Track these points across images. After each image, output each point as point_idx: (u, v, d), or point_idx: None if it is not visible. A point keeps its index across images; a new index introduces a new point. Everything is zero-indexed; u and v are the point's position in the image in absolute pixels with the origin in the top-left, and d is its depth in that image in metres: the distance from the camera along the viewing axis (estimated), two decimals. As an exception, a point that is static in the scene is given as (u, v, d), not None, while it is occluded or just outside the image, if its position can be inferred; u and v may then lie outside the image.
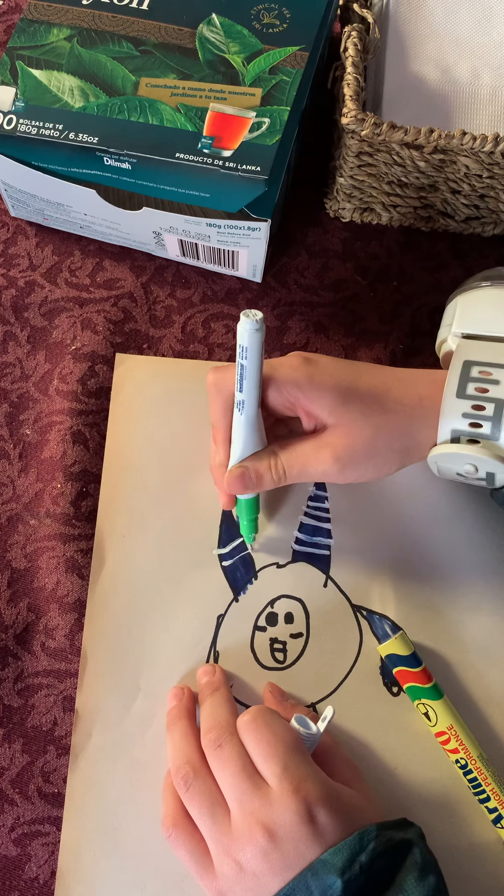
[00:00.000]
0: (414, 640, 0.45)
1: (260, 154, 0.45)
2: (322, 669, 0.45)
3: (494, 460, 0.39)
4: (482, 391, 0.39)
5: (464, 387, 0.40)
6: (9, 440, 0.50)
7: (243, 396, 0.41)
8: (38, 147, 0.46)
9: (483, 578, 0.47)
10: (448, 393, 0.40)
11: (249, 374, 0.40)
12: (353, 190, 0.52)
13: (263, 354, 0.39)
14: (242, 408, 0.41)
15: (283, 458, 0.42)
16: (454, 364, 0.40)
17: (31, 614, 0.46)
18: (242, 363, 0.39)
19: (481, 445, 0.39)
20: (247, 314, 0.38)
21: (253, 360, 0.39)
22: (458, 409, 0.39)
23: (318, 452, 0.41)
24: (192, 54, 0.48)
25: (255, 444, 0.42)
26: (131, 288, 0.53)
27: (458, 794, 0.43)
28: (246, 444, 0.42)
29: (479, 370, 0.40)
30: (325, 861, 0.34)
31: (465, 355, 0.41)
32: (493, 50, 0.51)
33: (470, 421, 0.39)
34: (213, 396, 0.43)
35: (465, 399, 0.39)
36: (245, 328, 0.38)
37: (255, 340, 0.38)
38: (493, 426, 0.39)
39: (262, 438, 0.43)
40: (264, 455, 0.42)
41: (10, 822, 0.43)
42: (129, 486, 0.48)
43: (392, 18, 0.52)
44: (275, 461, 0.42)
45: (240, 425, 0.42)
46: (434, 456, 0.41)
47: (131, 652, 0.45)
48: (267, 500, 0.48)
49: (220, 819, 0.37)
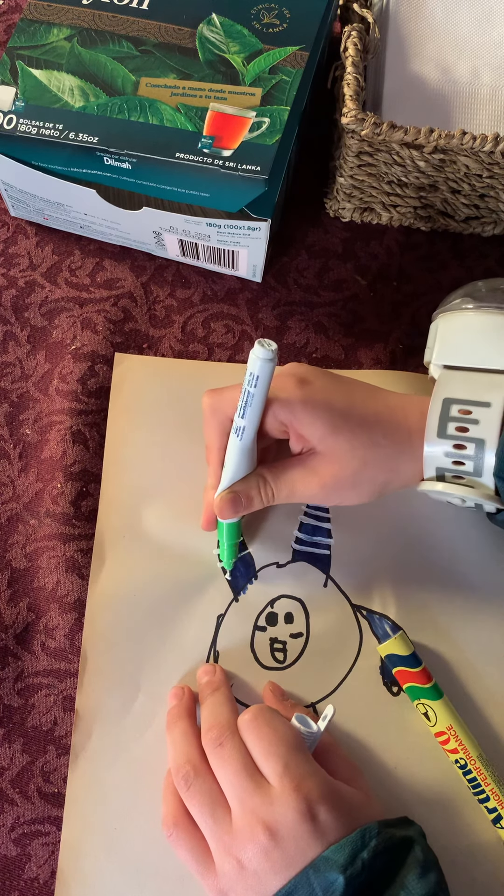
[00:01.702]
0: (414, 640, 0.45)
1: (260, 154, 0.45)
2: (322, 669, 0.45)
3: (479, 497, 0.40)
4: (462, 430, 0.40)
5: (444, 427, 0.40)
6: (9, 440, 0.50)
7: (244, 423, 0.40)
8: (38, 147, 0.46)
9: (483, 579, 0.47)
10: (429, 433, 0.40)
11: (255, 403, 0.39)
12: (353, 190, 0.52)
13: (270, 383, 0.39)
14: (241, 434, 0.41)
15: (272, 482, 0.43)
16: (434, 401, 0.41)
17: (31, 614, 0.46)
18: (250, 391, 0.39)
19: (466, 482, 0.40)
20: (262, 343, 0.37)
21: (261, 389, 0.39)
22: (440, 449, 0.40)
23: (305, 479, 0.42)
24: (192, 54, 0.48)
25: (247, 469, 0.43)
26: (131, 288, 0.53)
27: (458, 794, 0.43)
28: (238, 469, 0.42)
29: (458, 409, 0.40)
30: (327, 858, 0.34)
31: (444, 392, 0.41)
32: (493, 50, 0.51)
33: (452, 460, 0.40)
34: (208, 419, 0.43)
35: (447, 439, 0.40)
36: (258, 356, 0.37)
37: (267, 370, 0.38)
38: (475, 465, 0.40)
39: (254, 462, 0.43)
40: (253, 478, 0.43)
41: (10, 822, 0.43)
42: (129, 486, 0.48)
43: (392, 18, 0.52)
44: (264, 484, 0.43)
45: (235, 451, 0.42)
46: (422, 490, 0.42)
47: (131, 652, 0.45)
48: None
49: (221, 818, 0.37)
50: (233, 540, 0.46)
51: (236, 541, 0.46)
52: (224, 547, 0.46)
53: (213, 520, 0.46)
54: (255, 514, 0.47)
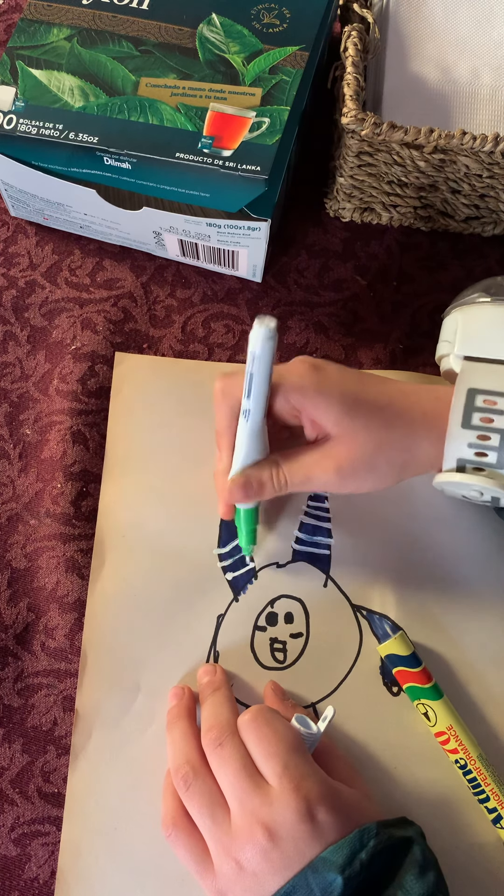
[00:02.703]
0: (414, 640, 0.45)
1: (260, 154, 0.45)
2: (322, 669, 0.45)
3: (499, 488, 0.39)
4: (487, 421, 0.39)
5: (468, 417, 0.40)
6: (9, 440, 0.50)
7: (250, 405, 0.40)
8: (38, 147, 0.46)
9: (483, 578, 0.47)
10: (453, 423, 0.40)
11: (258, 383, 0.39)
12: (353, 190, 0.52)
13: (273, 363, 0.39)
14: (248, 416, 0.41)
15: (285, 468, 0.42)
16: (458, 391, 0.41)
17: (31, 614, 0.46)
18: (252, 371, 0.39)
19: (486, 474, 0.40)
20: (260, 321, 0.37)
21: (263, 368, 0.39)
22: (464, 440, 0.40)
23: (320, 463, 0.41)
24: (192, 54, 0.48)
25: (259, 453, 0.42)
26: (131, 288, 0.53)
27: (458, 794, 0.43)
28: (249, 453, 0.42)
29: (483, 399, 0.40)
30: (325, 859, 0.34)
31: (469, 382, 0.41)
32: (493, 50, 0.51)
33: (475, 451, 0.40)
34: (219, 403, 0.43)
35: (470, 429, 0.40)
36: (258, 335, 0.37)
37: (267, 349, 0.38)
38: (498, 456, 0.39)
39: (266, 447, 0.42)
40: (266, 464, 0.42)
41: (10, 822, 0.43)
42: (129, 486, 0.48)
43: (392, 18, 0.52)
44: (277, 470, 0.42)
45: (244, 433, 0.42)
46: (439, 483, 0.41)
47: (131, 652, 0.45)
48: (267, 500, 0.48)
49: (220, 818, 0.37)
50: (251, 526, 0.45)
51: (254, 527, 0.45)
52: (242, 533, 0.45)
53: (231, 508, 0.45)
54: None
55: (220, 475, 0.44)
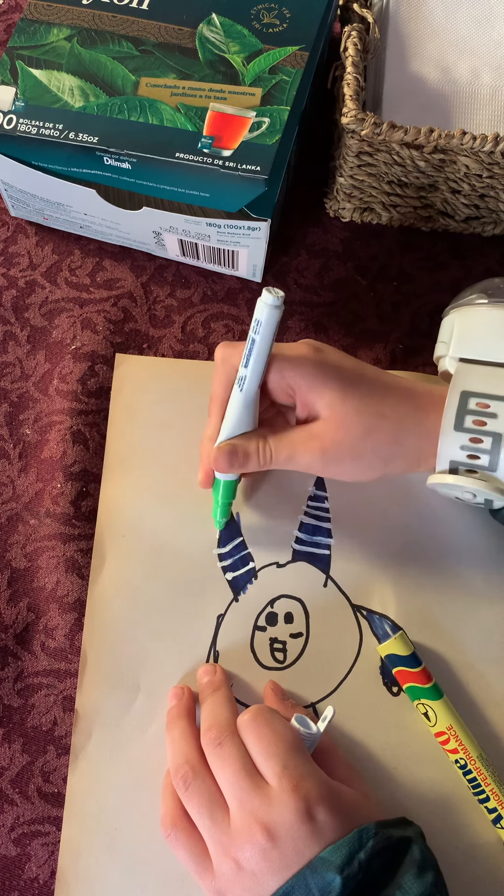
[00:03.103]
0: (414, 640, 0.45)
1: (260, 154, 0.45)
2: (322, 669, 0.45)
3: (492, 491, 0.39)
4: (480, 424, 0.40)
5: (461, 419, 0.40)
6: (9, 440, 0.50)
7: (246, 372, 0.40)
8: (38, 147, 0.46)
9: (483, 578, 0.47)
10: (446, 425, 0.40)
11: (258, 351, 0.40)
12: (353, 190, 0.52)
13: (276, 334, 0.39)
14: (243, 384, 0.41)
15: (272, 443, 0.42)
16: (452, 393, 0.41)
17: (31, 614, 0.46)
18: (254, 337, 0.39)
19: (479, 476, 0.40)
20: (269, 290, 0.38)
21: (265, 336, 0.39)
22: (456, 442, 0.40)
23: (307, 442, 0.41)
24: (192, 54, 0.48)
25: (248, 424, 0.42)
26: (131, 288, 0.53)
27: (458, 794, 0.43)
28: (238, 422, 0.42)
29: (476, 402, 0.40)
30: (324, 859, 0.34)
31: (462, 384, 0.41)
32: (493, 50, 0.51)
33: (468, 453, 0.40)
34: (218, 368, 0.43)
35: (463, 432, 0.40)
36: (264, 303, 0.38)
37: (272, 317, 0.38)
38: (490, 459, 0.39)
39: (255, 420, 0.42)
40: (254, 436, 0.42)
41: (10, 822, 0.43)
42: (129, 486, 0.48)
43: (392, 18, 0.52)
44: (263, 444, 0.42)
45: (236, 402, 0.42)
46: (432, 484, 0.41)
47: (131, 652, 0.45)
48: (267, 500, 0.48)
49: (220, 818, 0.37)
50: (227, 499, 0.45)
51: (229, 500, 0.46)
52: (217, 505, 0.46)
53: (211, 475, 0.45)
54: (255, 512, 0.48)
55: (207, 442, 0.44)
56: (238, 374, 0.41)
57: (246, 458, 0.42)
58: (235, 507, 0.48)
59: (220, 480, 0.45)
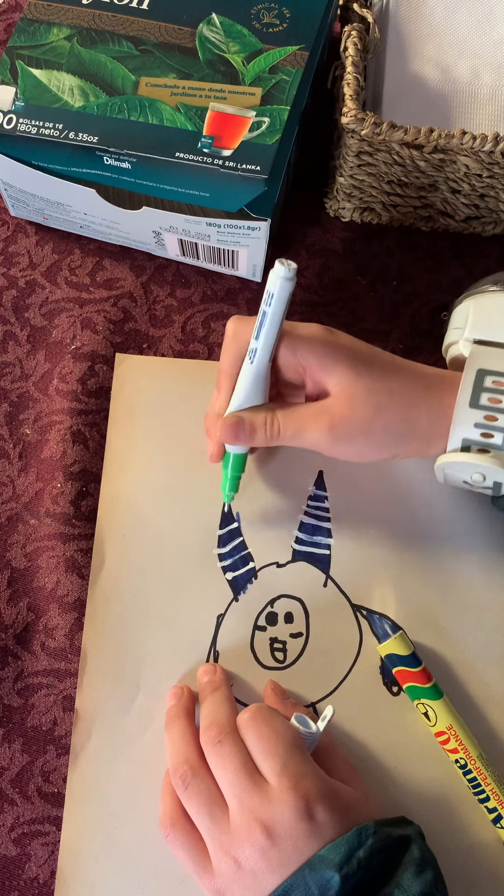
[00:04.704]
0: (414, 640, 0.45)
1: (260, 153, 0.45)
2: (322, 669, 0.45)
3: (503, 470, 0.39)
4: (495, 402, 0.39)
5: (477, 397, 0.40)
6: (9, 440, 0.50)
7: (258, 345, 0.40)
8: (38, 147, 0.46)
9: (483, 578, 0.47)
10: (461, 402, 0.40)
11: (269, 323, 0.39)
12: (353, 189, 0.52)
13: (287, 308, 0.39)
14: (254, 357, 0.41)
15: (280, 417, 0.42)
16: (467, 372, 0.40)
17: (31, 614, 0.46)
18: (265, 309, 0.39)
19: (491, 455, 0.39)
20: (282, 262, 0.38)
21: (276, 308, 0.39)
22: (471, 419, 0.39)
23: (316, 418, 0.41)
24: (192, 54, 0.48)
25: (257, 398, 0.42)
26: (131, 287, 0.53)
27: (458, 794, 0.43)
28: (248, 395, 0.42)
29: (492, 380, 0.40)
30: (322, 857, 0.34)
31: (478, 363, 0.41)
32: (493, 50, 0.51)
33: (482, 431, 0.39)
34: (228, 342, 0.43)
35: (478, 409, 0.40)
36: (277, 274, 0.38)
37: (285, 289, 0.38)
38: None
39: (265, 394, 0.42)
40: (262, 410, 0.42)
41: (10, 822, 0.43)
42: (129, 486, 0.48)
43: (392, 18, 0.52)
44: (271, 418, 0.42)
45: (247, 375, 0.42)
46: (443, 463, 0.41)
47: (131, 652, 0.45)
48: (267, 500, 0.48)
49: (219, 817, 0.37)
50: (236, 472, 0.45)
51: (239, 473, 0.45)
52: (226, 478, 0.45)
53: (222, 449, 0.45)
54: (255, 512, 0.48)
55: (214, 416, 0.44)
56: (249, 347, 0.41)
57: (252, 430, 0.42)
58: (235, 507, 0.48)
59: (229, 453, 0.44)
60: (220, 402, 0.44)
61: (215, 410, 0.44)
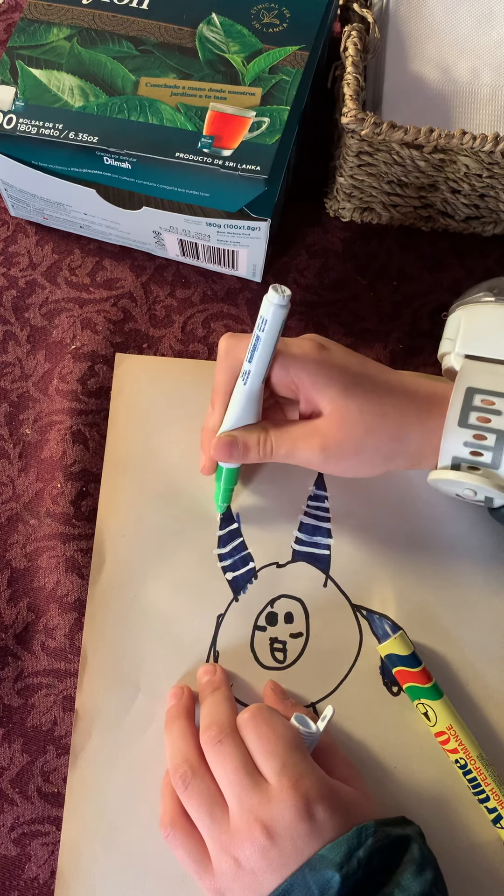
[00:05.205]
0: (414, 640, 0.45)
1: (260, 153, 0.45)
2: (322, 669, 0.45)
3: (493, 488, 0.40)
4: (484, 421, 0.40)
5: (466, 416, 0.40)
6: (9, 440, 0.50)
7: (251, 367, 0.41)
8: (38, 147, 0.46)
9: (483, 578, 0.47)
10: (450, 421, 0.40)
11: (262, 348, 0.40)
12: (353, 189, 0.52)
13: (281, 333, 0.39)
14: (247, 378, 0.41)
15: (273, 436, 0.42)
16: (457, 390, 0.41)
17: (31, 614, 0.46)
18: (259, 334, 0.39)
19: (481, 473, 0.40)
20: (275, 288, 0.38)
21: (270, 334, 0.39)
22: (460, 438, 0.40)
23: (307, 438, 0.41)
24: (192, 54, 0.48)
25: (250, 418, 0.43)
26: (131, 287, 0.53)
27: (458, 794, 0.43)
28: (241, 415, 0.42)
29: (481, 399, 0.40)
30: (322, 856, 0.34)
31: (468, 381, 0.41)
32: (493, 50, 0.51)
33: (471, 449, 0.40)
34: (221, 360, 0.43)
35: (467, 428, 0.40)
36: (271, 301, 0.38)
37: (278, 316, 0.38)
38: (493, 456, 0.40)
39: (258, 413, 0.43)
40: (256, 429, 0.43)
41: (10, 822, 0.43)
42: (129, 486, 0.48)
43: (392, 18, 0.52)
44: (265, 437, 0.42)
45: (240, 395, 0.42)
46: (434, 480, 0.41)
47: (131, 652, 0.45)
48: (267, 500, 0.48)
49: (219, 817, 0.37)
50: (229, 485, 0.46)
51: (231, 486, 0.46)
52: (219, 490, 0.46)
53: (213, 463, 0.46)
54: (255, 512, 0.48)
55: (208, 431, 0.45)
56: (242, 369, 0.41)
57: (246, 449, 0.43)
58: (235, 507, 0.48)
59: (222, 467, 0.45)
60: (213, 419, 0.44)
61: (209, 426, 0.45)
